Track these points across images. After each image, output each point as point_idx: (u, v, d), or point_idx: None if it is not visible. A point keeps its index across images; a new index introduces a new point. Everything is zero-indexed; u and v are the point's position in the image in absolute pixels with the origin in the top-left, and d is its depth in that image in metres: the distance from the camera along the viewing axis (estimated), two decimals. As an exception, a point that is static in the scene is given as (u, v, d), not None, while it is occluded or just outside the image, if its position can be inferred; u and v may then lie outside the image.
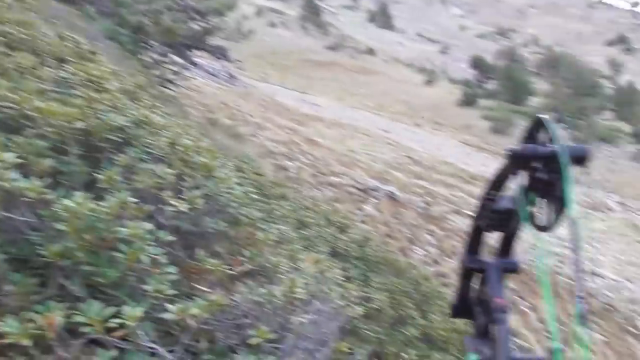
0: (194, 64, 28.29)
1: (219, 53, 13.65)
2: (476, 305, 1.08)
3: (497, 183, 1.00)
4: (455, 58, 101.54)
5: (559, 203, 0.82)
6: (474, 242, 1.10)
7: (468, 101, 55.11)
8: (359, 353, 2.44)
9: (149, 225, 1.47)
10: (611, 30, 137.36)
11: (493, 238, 1.12)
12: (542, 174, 0.86)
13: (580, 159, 0.83)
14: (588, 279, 19.68)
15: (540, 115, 0.89)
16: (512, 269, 1.05)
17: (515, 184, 0.92)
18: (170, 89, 12.31)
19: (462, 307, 1.11)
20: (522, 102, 56.26)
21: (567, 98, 53.54)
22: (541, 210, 0.90)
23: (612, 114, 59.75)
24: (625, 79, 79.48)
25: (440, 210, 21.59)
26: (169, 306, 1.28)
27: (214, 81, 29.98)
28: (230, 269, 1.61)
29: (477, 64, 73.93)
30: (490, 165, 40.32)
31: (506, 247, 1.07)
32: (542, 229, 0.88)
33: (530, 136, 0.90)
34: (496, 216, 1.01)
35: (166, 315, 1.28)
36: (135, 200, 1.56)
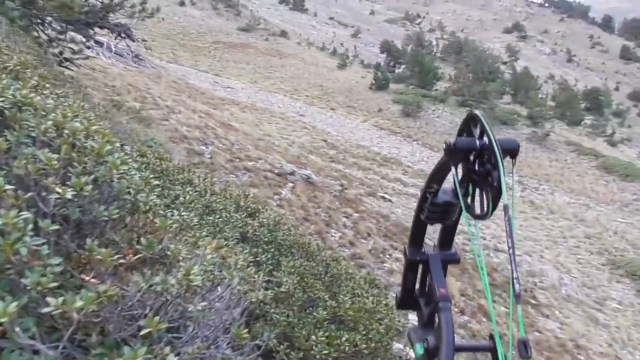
0: (99, 43, 26.64)
1: (123, 32, 12.89)
2: (420, 297, 1.11)
3: (437, 176, 1.01)
4: (366, 42, 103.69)
5: (494, 192, 0.86)
6: (416, 234, 1.12)
7: (379, 85, 56.49)
8: (267, 336, 2.44)
9: (28, 215, 1.36)
10: (508, 18, 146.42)
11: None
12: (477, 166, 0.90)
13: (511, 151, 0.87)
14: (492, 255, 21.05)
15: (474, 111, 0.92)
16: (453, 260, 1.09)
17: (453, 177, 0.94)
18: (69, 69, 11.49)
19: (407, 299, 1.13)
20: (430, 87, 58.60)
21: (471, 82, 56.48)
22: (477, 200, 0.93)
23: (510, 97, 63.93)
24: (521, 65, 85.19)
25: (356, 193, 22.10)
26: (50, 299, 1.19)
27: (121, 62, 28.43)
28: (123, 258, 1.53)
29: (387, 48, 75.88)
30: (401, 148, 41.82)
31: (447, 239, 1.10)
32: (479, 217, 0.91)
33: (465, 130, 0.93)
34: (436, 209, 1.03)
35: (47, 309, 1.19)
36: (13, 187, 1.44)
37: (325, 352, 2.86)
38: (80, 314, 1.22)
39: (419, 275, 1.14)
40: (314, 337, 2.88)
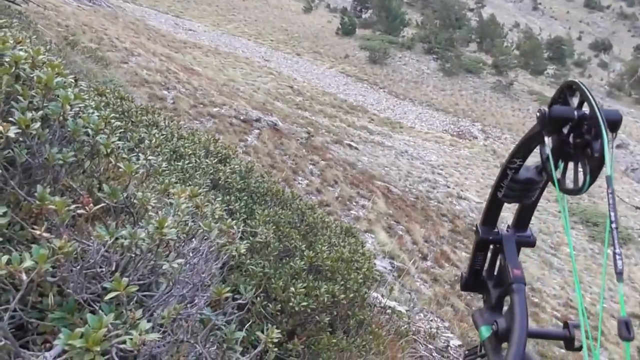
0: (47, -22, 24.76)
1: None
2: (488, 279, 1.06)
3: (523, 149, 0.95)
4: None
5: (594, 164, 0.80)
6: (491, 213, 1.07)
7: (346, 31, 55.35)
8: (244, 289, 2.28)
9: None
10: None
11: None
12: (572, 137, 0.85)
13: (614, 124, 0.80)
14: (455, 202, 21.45)
15: (573, 79, 0.87)
16: (528, 243, 1.04)
17: (542, 148, 0.90)
18: (16, 4, 10.60)
19: (473, 280, 1.09)
20: (397, 33, 57.79)
21: (437, 29, 55.94)
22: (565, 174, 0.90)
23: (476, 45, 63.84)
24: (487, 12, 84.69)
25: (322, 141, 21.93)
26: (-9, 259, 0.97)
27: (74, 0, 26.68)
28: (82, 208, 1.31)
29: (355, -8, 73.78)
30: (368, 96, 41.52)
31: (523, 220, 1.04)
32: (574, 192, 0.86)
33: (560, 100, 0.88)
34: (516, 186, 0.98)
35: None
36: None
37: (304, 303, 2.73)
38: (31, 275, 1.01)
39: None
40: (292, 289, 2.74)
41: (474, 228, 1.10)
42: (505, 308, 1.00)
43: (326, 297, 2.89)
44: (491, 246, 1.07)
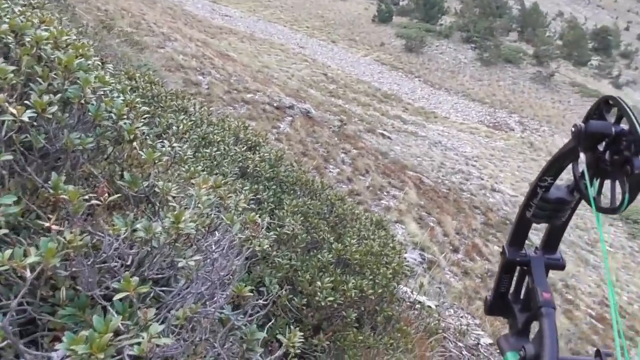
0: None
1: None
2: (514, 302, 1.04)
3: (555, 166, 0.92)
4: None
5: (635, 181, 0.77)
6: (519, 233, 1.04)
7: (382, 18, 54.58)
8: (269, 281, 2.21)
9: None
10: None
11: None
12: (609, 154, 0.82)
13: None
14: (489, 195, 20.99)
15: (611, 95, 0.85)
16: (557, 266, 1.00)
17: (572, 166, 0.88)
18: (56, -12, 10.75)
19: (499, 304, 1.07)
20: (435, 21, 56.67)
21: (477, 18, 54.59)
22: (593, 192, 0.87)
23: (517, 35, 62.04)
24: (530, 0, 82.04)
25: (355, 129, 21.75)
26: (-5, 253, 0.91)
27: (113, -15, 27.03)
28: (97, 199, 1.24)
29: (393, -21, 72.58)
30: (402, 85, 40.95)
31: (552, 241, 1.02)
32: (610, 211, 0.82)
33: (595, 115, 0.85)
34: (546, 206, 0.95)
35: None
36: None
37: (331, 298, 2.64)
38: (36, 271, 0.94)
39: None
40: (319, 283, 2.65)
41: (501, 249, 1.05)
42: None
43: (354, 292, 2.80)
44: (518, 268, 1.04)
